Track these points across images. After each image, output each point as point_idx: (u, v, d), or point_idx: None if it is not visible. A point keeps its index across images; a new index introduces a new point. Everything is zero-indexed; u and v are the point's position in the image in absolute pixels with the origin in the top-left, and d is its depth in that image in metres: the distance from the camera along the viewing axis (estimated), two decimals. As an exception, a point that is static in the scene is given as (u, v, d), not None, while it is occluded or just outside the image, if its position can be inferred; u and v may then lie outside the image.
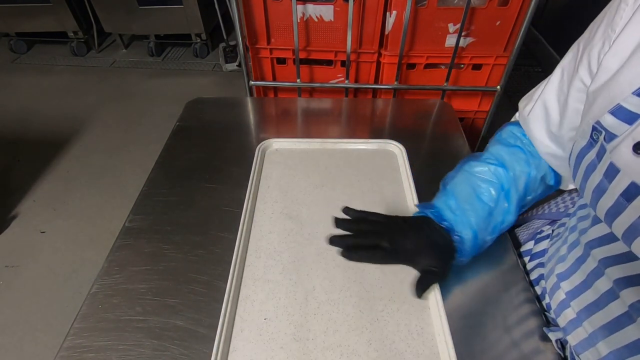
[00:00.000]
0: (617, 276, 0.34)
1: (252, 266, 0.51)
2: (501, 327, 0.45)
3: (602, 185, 0.31)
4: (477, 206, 0.47)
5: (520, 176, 0.47)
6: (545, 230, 0.54)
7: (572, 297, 0.41)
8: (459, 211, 0.47)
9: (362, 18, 1.03)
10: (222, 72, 2.26)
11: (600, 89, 0.34)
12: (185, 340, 0.44)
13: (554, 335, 0.43)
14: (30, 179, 1.60)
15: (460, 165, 0.51)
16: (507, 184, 0.47)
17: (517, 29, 1.01)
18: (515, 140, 0.50)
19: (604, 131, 0.32)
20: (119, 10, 2.12)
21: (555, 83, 0.44)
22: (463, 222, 0.46)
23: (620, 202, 0.30)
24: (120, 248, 0.54)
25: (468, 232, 0.46)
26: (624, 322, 0.34)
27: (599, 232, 0.37)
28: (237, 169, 0.66)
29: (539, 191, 0.49)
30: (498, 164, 0.48)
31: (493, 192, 0.47)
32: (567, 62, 0.42)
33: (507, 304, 0.48)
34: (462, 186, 0.48)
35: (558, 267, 0.44)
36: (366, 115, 0.83)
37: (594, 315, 0.38)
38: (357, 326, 0.45)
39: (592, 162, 0.33)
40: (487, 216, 0.46)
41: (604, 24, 0.36)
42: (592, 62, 0.37)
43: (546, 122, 0.45)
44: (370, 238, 0.46)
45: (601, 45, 0.35)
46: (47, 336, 1.12)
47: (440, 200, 0.49)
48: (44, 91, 2.13)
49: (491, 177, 0.47)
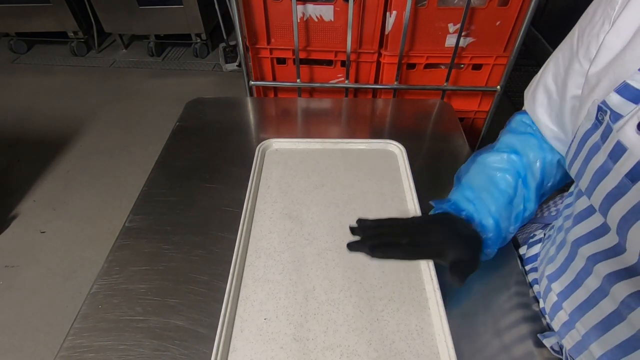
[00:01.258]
0: (606, 272, 0.34)
1: (252, 266, 0.51)
2: (501, 328, 0.45)
3: (606, 166, 0.31)
4: (496, 194, 0.45)
5: (535, 162, 0.46)
6: (538, 235, 0.53)
7: (563, 297, 0.41)
8: (477, 200, 0.46)
9: (362, 18, 1.03)
10: (222, 72, 2.26)
11: (605, 69, 0.34)
12: (185, 340, 0.44)
13: (548, 342, 0.43)
14: (30, 179, 1.60)
15: (472, 158, 0.51)
16: (523, 170, 0.46)
17: (517, 29, 1.01)
18: (525, 128, 0.49)
19: (609, 111, 0.31)
20: (119, 10, 2.12)
21: (552, 66, 0.44)
22: (482, 211, 0.45)
23: (623, 183, 0.29)
24: (120, 248, 0.54)
25: (489, 220, 0.45)
26: (615, 320, 0.34)
27: (585, 228, 0.37)
28: (237, 169, 0.66)
29: (557, 177, 0.48)
30: (511, 151, 0.47)
31: (510, 180, 0.46)
32: (565, 46, 0.42)
33: (507, 306, 0.48)
34: (478, 177, 0.47)
35: (548, 268, 0.44)
36: (366, 115, 0.83)
37: (586, 315, 0.37)
38: (357, 326, 0.45)
39: (595, 144, 0.33)
40: (507, 204, 0.45)
41: (603, 3, 0.35)
42: (592, 43, 0.36)
43: (548, 105, 0.45)
44: (388, 238, 0.44)
45: (601, 24, 0.35)
46: (47, 336, 1.12)
47: (456, 193, 0.48)
48: (44, 91, 2.13)
49: (506, 165, 0.46)
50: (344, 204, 0.59)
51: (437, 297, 0.46)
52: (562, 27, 2.19)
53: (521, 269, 0.52)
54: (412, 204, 0.58)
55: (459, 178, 0.50)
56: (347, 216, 0.57)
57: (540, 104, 0.46)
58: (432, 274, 0.47)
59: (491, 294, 0.49)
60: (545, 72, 0.45)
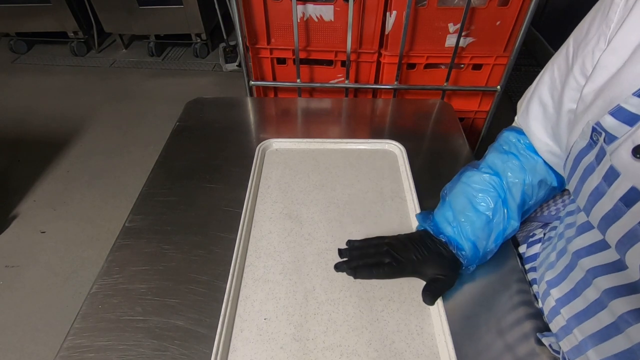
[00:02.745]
0: (606, 286, 0.33)
1: (252, 266, 0.51)
2: (501, 328, 0.45)
3: (601, 188, 0.31)
4: (474, 217, 0.47)
5: (515, 184, 0.48)
6: (538, 234, 0.53)
7: (561, 304, 0.41)
8: (456, 222, 0.48)
9: (362, 18, 1.03)
10: (222, 72, 2.26)
11: (600, 89, 0.33)
12: (185, 340, 0.44)
13: (547, 340, 0.43)
14: (30, 179, 1.60)
15: (458, 176, 0.52)
16: (503, 192, 0.48)
17: (517, 29, 1.01)
18: (509, 147, 0.50)
19: (604, 132, 0.31)
20: (119, 10, 2.12)
21: (547, 79, 0.44)
22: (460, 233, 0.47)
23: (618, 207, 0.29)
24: (120, 248, 0.54)
25: (467, 243, 0.47)
26: (612, 332, 0.33)
27: (586, 241, 0.36)
28: (237, 169, 0.66)
29: (540, 195, 0.49)
30: (493, 172, 0.49)
31: (490, 202, 0.47)
32: (559, 58, 0.42)
33: (507, 305, 0.48)
34: (459, 198, 0.50)
35: (548, 273, 0.44)
36: (366, 115, 0.83)
37: (583, 324, 0.37)
38: (357, 326, 0.45)
39: (590, 165, 0.33)
40: (484, 226, 0.47)
41: (598, 20, 0.35)
42: (587, 60, 0.36)
43: (544, 118, 0.45)
44: (373, 257, 0.48)
45: (596, 41, 0.35)
46: (47, 336, 1.12)
47: (439, 212, 0.51)
48: (44, 91, 2.12)
49: (487, 187, 0.48)
50: (344, 204, 0.59)
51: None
52: (562, 27, 2.19)
53: (521, 267, 0.52)
54: (412, 204, 0.58)
55: (444, 197, 0.52)
56: (347, 216, 0.57)
57: (534, 117, 0.46)
58: (432, 274, 0.47)
59: (491, 293, 0.49)
60: (540, 85, 0.45)
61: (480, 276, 0.51)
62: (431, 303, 0.45)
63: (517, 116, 0.52)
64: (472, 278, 0.50)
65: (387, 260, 0.47)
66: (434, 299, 0.45)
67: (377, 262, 0.48)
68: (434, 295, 0.45)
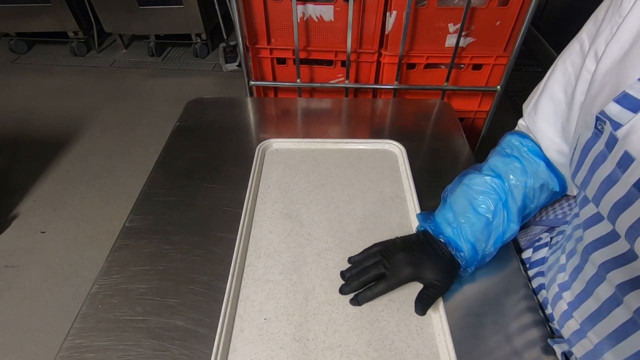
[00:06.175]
0: (619, 281, 0.33)
1: (252, 266, 0.51)
2: (501, 329, 0.45)
3: (614, 175, 0.31)
4: (473, 219, 0.47)
5: (516, 186, 0.47)
6: (544, 238, 0.53)
7: (573, 307, 0.40)
8: (456, 224, 0.48)
9: (362, 18, 1.03)
10: (222, 72, 2.26)
11: (604, 76, 0.33)
12: (185, 340, 0.44)
13: (559, 347, 0.42)
14: (30, 179, 1.59)
15: (460, 177, 0.52)
16: (504, 195, 0.47)
17: (517, 29, 1.01)
18: (512, 150, 0.50)
19: (608, 120, 0.31)
20: (119, 10, 2.12)
21: (559, 76, 0.43)
22: (460, 235, 0.47)
23: (632, 193, 0.29)
24: (120, 248, 0.54)
25: (466, 244, 0.47)
26: (630, 329, 0.33)
27: (595, 234, 0.36)
28: (237, 169, 0.66)
29: (541, 199, 0.49)
30: (494, 175, 0.48)
31: (490, 204, 0.47)
32: (572, 53, 0.41)
33: (508, 307, 0.47)
34: (460, 199, 0.49)
35: (559, 277, 0.44)
36: (366, 115, 0.83)
37: (598, 325, 0.36)
38: (357, 326, 0.45)
39: (601, 153, 0.32)
40: (484, 228, 0.47)
41: (610, 11, 0.35)
42: (599, 51, 0.36)
43: (554, 115, 0.45)
44: (372, 272, 0.47)
45: (609, 32, 0.35)
46: (47, 336, 1.12)
47: (440, 213, 0.51)
48: (44, 91, 2.12)
49: (488, 189, 0.48)
50: (344, 204, 0.59)
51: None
52: (562, 27, 2.20)
53: (523, 272, 0.51)
54: (412, 204, 0.58)
55: (445, 198, 0.52)
56: (347, 216, 0.57)
57: (543, 116, 0.46)
58: (432, 274, 0.47)
59: (491, 294, 0.49)
60: (551, 82, 0.45)
61: (480, 277, 0.51)
62: (422, 313, 0.45)
63: (522, 118, 0.52)
64: (473, 279, 0.50)
65: (383, 271, 0.47)
66: (425, 309, 0.45)
67: (377, 277, 0.47)
68: (424, 305, 0.45)
